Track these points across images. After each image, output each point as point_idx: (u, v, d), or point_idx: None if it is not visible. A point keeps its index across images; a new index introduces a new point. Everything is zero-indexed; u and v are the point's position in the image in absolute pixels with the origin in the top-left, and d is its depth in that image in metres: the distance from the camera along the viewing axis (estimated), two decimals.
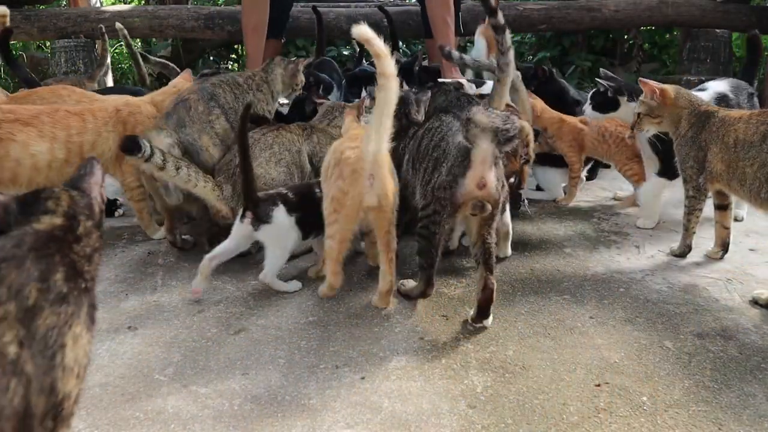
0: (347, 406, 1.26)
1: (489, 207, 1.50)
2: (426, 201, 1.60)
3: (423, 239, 1.60)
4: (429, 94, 2.08)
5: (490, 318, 1.57)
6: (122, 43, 6.82)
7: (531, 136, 2.01)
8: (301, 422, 1.21)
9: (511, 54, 1.95)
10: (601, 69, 2.49)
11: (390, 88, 1.45)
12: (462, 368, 1.39)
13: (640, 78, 2.06)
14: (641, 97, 2.03)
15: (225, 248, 1.76)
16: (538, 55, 5.71)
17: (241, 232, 1.74)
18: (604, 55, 5.72)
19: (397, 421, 1.21)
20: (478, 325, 1.57)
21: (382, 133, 1.48)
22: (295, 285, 1.81)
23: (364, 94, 2.76)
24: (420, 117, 1.99)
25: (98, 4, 5.65)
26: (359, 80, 3.10)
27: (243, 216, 1.73)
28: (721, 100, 2.30)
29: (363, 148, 1.52)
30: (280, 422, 1.21)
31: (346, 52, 5.75)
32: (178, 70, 2.85)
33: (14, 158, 1.89)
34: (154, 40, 5.48)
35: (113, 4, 6.70)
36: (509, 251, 2.03)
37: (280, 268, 1.79)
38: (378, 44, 1.43)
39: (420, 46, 5.65)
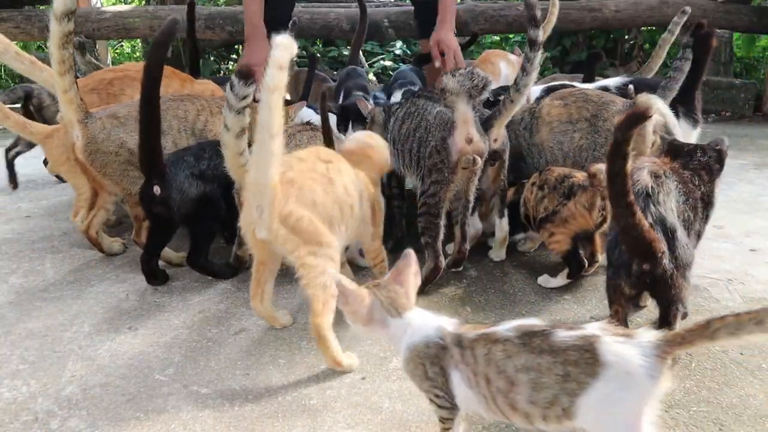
0: (348, 406, 1.26)
1: (479, 159, 1.69)
2: (422, 174, 1.75)
3: (427, 215, 1.73)
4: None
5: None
6: (123, 43, 6.84)
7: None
8: (302, 422, 1.21)
9: (533, 77, 1.73)
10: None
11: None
12: None
13: None
14: None
15: None
16: None
17: None
18: (605, 55, 5.71)
19: (397, 421, 1.21)
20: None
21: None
22: None
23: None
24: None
25: (99, 5, 5.65)
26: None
27: None
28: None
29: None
30: (280, 422, 1.21)
31: (346, 52, 5.76)
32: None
33: None
34: None
35: (114, 4, 6.71)
36: (503, 255, 2.02)
37: None
38: None
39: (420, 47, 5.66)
